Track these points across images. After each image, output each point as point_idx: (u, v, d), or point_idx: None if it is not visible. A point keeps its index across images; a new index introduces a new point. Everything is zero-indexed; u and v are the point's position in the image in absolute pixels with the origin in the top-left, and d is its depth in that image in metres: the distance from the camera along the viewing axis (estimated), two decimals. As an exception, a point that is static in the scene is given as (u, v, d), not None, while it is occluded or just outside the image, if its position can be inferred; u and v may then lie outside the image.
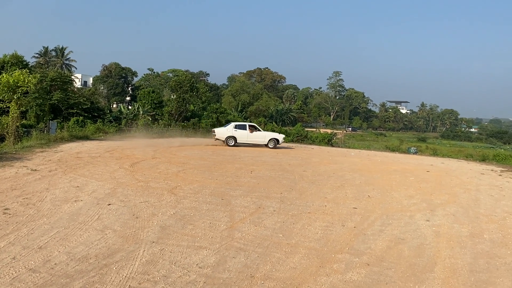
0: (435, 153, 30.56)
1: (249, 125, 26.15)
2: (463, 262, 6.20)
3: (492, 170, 20.70)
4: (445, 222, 8.53)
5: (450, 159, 27.74)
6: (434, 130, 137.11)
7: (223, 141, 24.67)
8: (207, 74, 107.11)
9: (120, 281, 4.82)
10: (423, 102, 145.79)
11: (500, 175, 18.46)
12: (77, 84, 60.94)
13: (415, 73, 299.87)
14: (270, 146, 25.23)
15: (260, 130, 26.23)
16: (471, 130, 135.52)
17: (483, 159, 27.29)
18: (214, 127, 28.83)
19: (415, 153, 30.31)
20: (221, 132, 25.34)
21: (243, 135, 24.99)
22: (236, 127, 25.31)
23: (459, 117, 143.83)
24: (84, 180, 10.41)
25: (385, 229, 7.72)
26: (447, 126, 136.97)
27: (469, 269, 5.93)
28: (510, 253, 6.78)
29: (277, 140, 25.68)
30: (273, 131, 31.87)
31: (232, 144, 24.54)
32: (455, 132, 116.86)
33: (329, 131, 52.86)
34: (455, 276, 5.65)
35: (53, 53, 75.90)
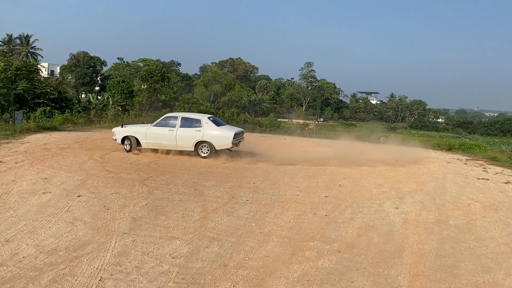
0: (404, 143, 31.26)
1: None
2: (430, 248, 6.42)
3: (458, 159, 21.39)
4: (413, 210, 8.78)
5: (418, 148, 28.47)
6: (403, 120, 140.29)
7: None
8: (179, 64, 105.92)
9: (92, 272, 4.76)
10: (392, 93, 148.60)
11: (465, 163, 19.10)
12: (44, 73, 59.10)
13: (385, 64, 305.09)
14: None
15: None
16: (438, 120, 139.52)
17: (450, 149, 28.10)
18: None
19: (384, 142, 30.98)
20: None
21: None
22: None
23: (427, 107, 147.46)
24: (53, 172, 10.16)
25: (355, 217, 7.89)
26: (416, 117, 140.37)
27: (435, 254, 6.14)
28: (474, 238, 7.06)
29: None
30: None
31: None
32: (423, 122, 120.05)
33: (301, 121, 53.31)
34: (422, 261, 5.85)
35: (18, 41, 73.21)
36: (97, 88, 79.67)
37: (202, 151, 13.91)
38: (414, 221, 7.87)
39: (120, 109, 37.39)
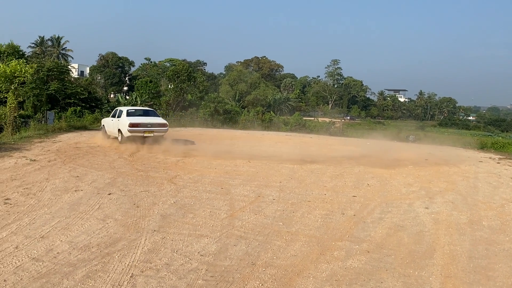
0: (433, 142, 30.60)
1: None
2: (462, 249, 6.26)
3: (490, 157, 20.77)
4: (444, 210, 8.58)
5: (448, 147, 27.80)
6: (432, 118, 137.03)
7: None
8: (205, 64, 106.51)
9: (123, 269, 4.86)
10: (421, 91, 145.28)
11: (498, 162, 18.53)
12: (74, 74, 60.65)
13: (413, 61, 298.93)
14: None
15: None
16: (469, 118, 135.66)
17: (481, 147, 27.31)
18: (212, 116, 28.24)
19: (413, 141, 30.39)
20: None
21: None
22: None
23: (457, 105, 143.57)
24: (84, 170, 10.42)
25: (384, 216, 7.77)
26: (445, 115, 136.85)
27: (468, 256, 5.99)
28: (509, 240, 6.84)
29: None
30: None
31: None
32: (453, 120, 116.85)
33: (327, 120, 52.89)
34: (454, 262, 5.71)
35: (49, 43, 75.38)
36: (125, 88, 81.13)
37: (118, 137, 16.46)
38: (445, 222, 7.69)
39: (148, 109, 37.95)
